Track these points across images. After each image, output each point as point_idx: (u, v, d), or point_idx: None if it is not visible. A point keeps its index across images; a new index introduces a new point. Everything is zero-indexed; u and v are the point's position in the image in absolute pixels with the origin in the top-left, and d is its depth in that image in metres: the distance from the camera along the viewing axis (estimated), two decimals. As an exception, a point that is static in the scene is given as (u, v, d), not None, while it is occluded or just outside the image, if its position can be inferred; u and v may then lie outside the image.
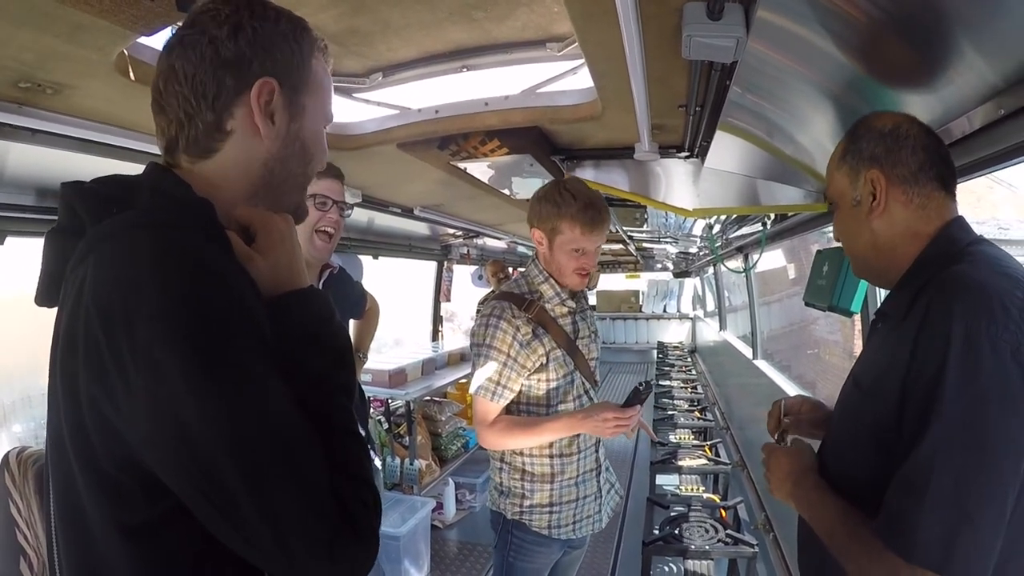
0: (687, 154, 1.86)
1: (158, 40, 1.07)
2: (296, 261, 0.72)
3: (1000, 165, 1.07)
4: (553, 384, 1.62)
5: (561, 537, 1.66)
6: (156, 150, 0.74)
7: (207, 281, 0.57)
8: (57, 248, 0.65)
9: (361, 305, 2.29)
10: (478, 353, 1.59)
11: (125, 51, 1.05)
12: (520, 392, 1.62)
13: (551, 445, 1.63)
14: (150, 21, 0.90)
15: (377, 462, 1.84)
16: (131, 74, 1.10)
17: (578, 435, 1.64)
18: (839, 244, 1.06)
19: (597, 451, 1.72)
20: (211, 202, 0.65)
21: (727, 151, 1.67)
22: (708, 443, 3.44)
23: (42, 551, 1.14)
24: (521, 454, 1.65)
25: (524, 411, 1.64)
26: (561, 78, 1.63)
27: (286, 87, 0.69)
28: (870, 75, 1.06)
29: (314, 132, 0.74)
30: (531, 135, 1.77)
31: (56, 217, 0.66)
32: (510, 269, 5.06)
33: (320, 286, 1.74)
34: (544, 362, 1.59)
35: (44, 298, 0.66)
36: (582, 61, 1.25)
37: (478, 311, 3.26)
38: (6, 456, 1.06)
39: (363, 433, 1.73)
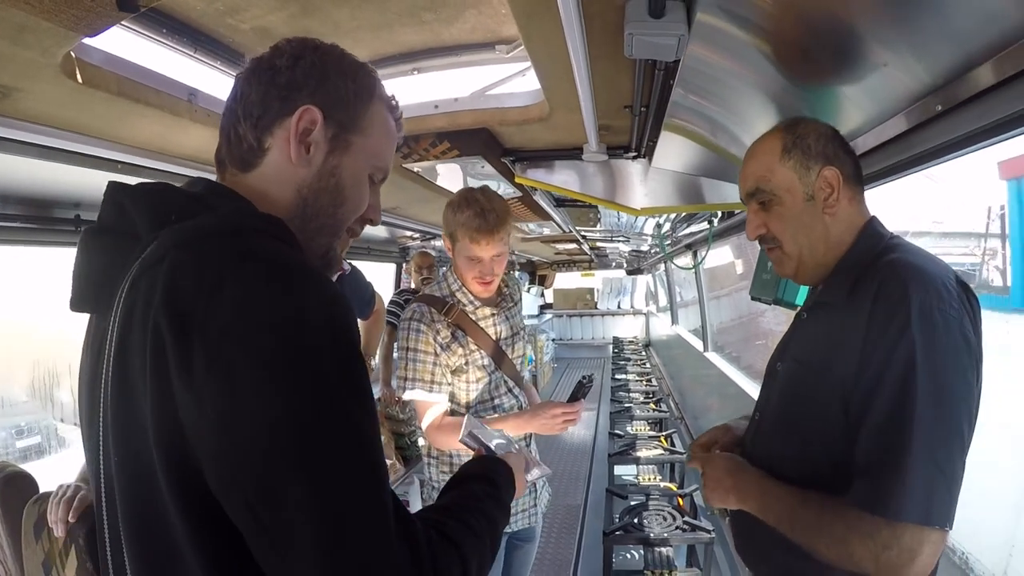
0: (634, 154, 1.91)
1: (106, 42, 1.03)
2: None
3: (936, 160, 1.10)
4: (474, 385, 1.65)
5: None
6: (110, 155, 0.72)
7: (302, 293, 0.53)
8: (102, 248, 0.61)
9: (371, 306, 2.25)
10: (404, 357, 1.59)
11: (72, 53, 1.01)
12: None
13: None
14: (92, 21, 0.87)
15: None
16: (79, 77, 1.06)
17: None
18: None
19: (528, 446, 1.74)
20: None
21: (673, 151, 1.72)
22: (664, 433, 3.53)
23: (8, 566, 1.08)
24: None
25: (451, 412, 1.65)
26: (510, 80, 1.65)
27: (331, 120, 0.68)
28: (807, 75, 1.10)
29: (355, 175, 0.72)
30: (480, 137, 1.78)
31: (20, 224, 0.62)
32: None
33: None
34: (463, 363, 1.62)
35: (82, 303, 0.62)
36: (530, 64, 1.26)
37: (388, 310, 3.21)
38: None
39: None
